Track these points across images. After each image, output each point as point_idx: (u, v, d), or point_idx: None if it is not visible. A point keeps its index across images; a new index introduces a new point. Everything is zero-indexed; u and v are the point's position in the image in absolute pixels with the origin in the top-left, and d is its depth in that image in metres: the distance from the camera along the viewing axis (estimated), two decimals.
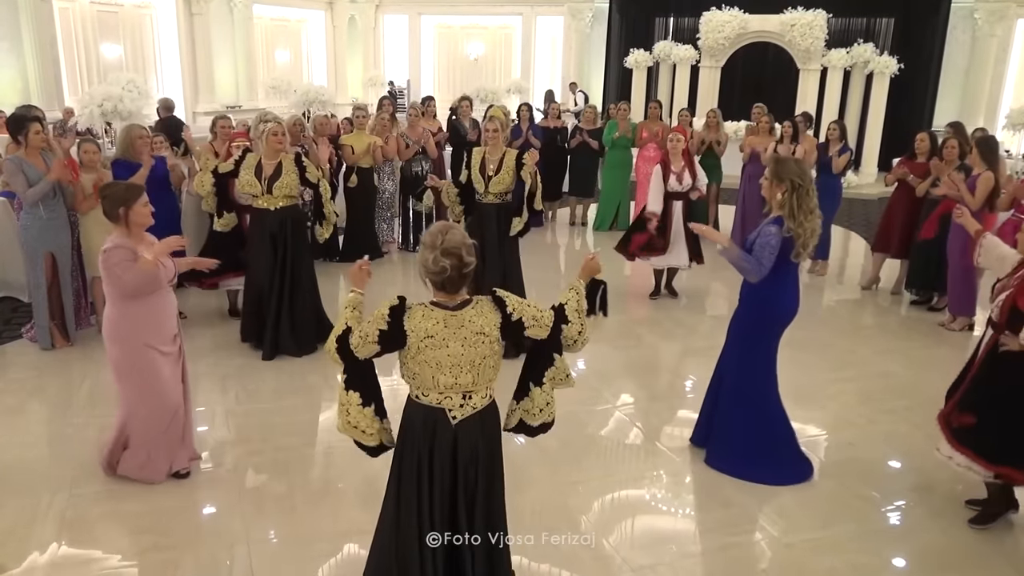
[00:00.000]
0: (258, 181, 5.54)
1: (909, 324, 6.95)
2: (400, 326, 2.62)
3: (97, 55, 13.88)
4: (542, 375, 2.89)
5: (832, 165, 8.00)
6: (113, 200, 3.75)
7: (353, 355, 2.71)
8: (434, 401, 2.71)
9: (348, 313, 2.76)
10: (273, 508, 3.91)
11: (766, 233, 3.94)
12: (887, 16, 15.01)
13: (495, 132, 5.68)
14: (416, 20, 19.41)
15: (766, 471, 4.22)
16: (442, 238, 2.58)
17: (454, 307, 2.65)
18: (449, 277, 2.59)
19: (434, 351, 2.62)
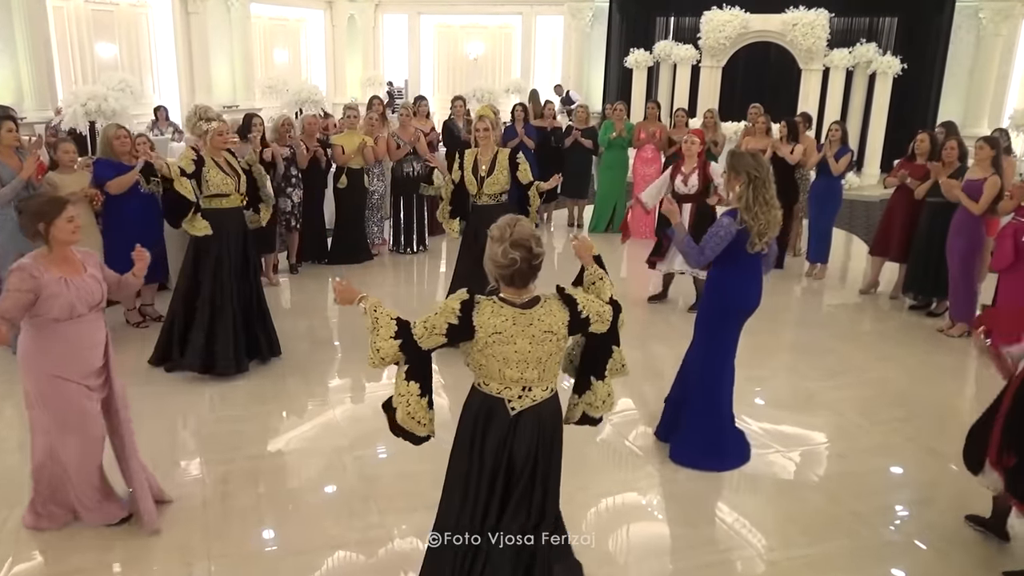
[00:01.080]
0: (230, 179, 5.31)
1: (907, 330, 6.78)
2: (469, 321, 2.61)
3: (92, 55, 13.79)
4: (604, 368, 2.92)
5: (831, 167, 7.84)
6: (31, 215, 3.29)
7: (415, 346, 2.66)
8: (495, 391, 2.71)
9: (382, 311, 2.71)
10: (239, 521, 3.77)
11: (717, 224, 4.05)
12: (890, 16, 14.82)
13: (486, 131, 5.55)
14: (416, 20, 19.30)
15: (714, 460, 4.33)
16: (511, 230, 2.58)
17: (523, 304, 2.65)
18: (519, 270, 2.58)
19: (501, 347, 2.63)
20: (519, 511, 2.74)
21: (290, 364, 5.66)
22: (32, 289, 3.22)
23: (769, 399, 5.28)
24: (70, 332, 3.35)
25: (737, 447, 4.46)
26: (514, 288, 2.65)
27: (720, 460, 4.34)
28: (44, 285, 3.24)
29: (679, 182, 6.81)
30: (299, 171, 7.57)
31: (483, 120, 5.60)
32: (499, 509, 2.75)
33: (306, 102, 10.69)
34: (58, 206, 3.32)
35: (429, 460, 4.32)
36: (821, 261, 8.25)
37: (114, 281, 3.63)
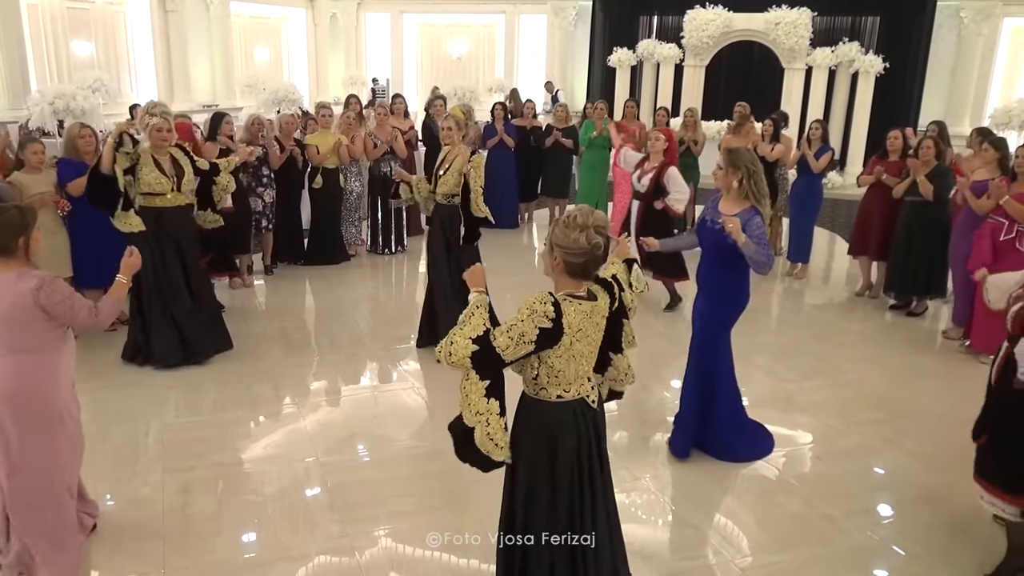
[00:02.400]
0: (166, 178, 5.20)
1: (888, 331, 6.74)
2: (560, 323, 2.51)
3: (68, 53, 13.57)
4: (619, 342, 2.91)
5: (811, 165, 7.80)
6: (12, 228, 3.00)
7: (495, 359, 2.49)
8: (575, 395, 2.67)
9: (482, 314, 2.55)
10: (198, 531, 3.65)
11: (756, 225, 3.99)
12: (872, 15, 14.83)
13: (449, 131, 5.50)
14: (399, 18, 19.18)
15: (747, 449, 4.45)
16: (591, 217, 2.55)
17: (588, 297, 2.62)
18: (595, 257, 2.57)
19: (581, 344, 2.60)
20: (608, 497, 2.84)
21: (261, 368, 5.55)
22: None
23: (747, 400, 5.17)
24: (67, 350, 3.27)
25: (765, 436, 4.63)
26: (580, 280, 2.60)
27: (768, 438, 4.57)
28: None
29: (635, 178, 6.85)
30: (271, 171, 7.44)
31: (448, 119, 5.58)
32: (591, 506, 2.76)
33: (283, 101, 10.55)
34: (32, 217, 3.13)
35: (392, 468, 4.26)
36: (802, 261, 8.19)
37: None
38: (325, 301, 7.25)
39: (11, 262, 3.03)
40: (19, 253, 3.04)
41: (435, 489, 4.08)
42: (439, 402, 5.09)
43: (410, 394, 5.28)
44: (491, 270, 8.13)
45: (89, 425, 4.54)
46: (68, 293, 3.07)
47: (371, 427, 4.80)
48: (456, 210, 5.59)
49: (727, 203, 4.13)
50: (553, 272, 2.62)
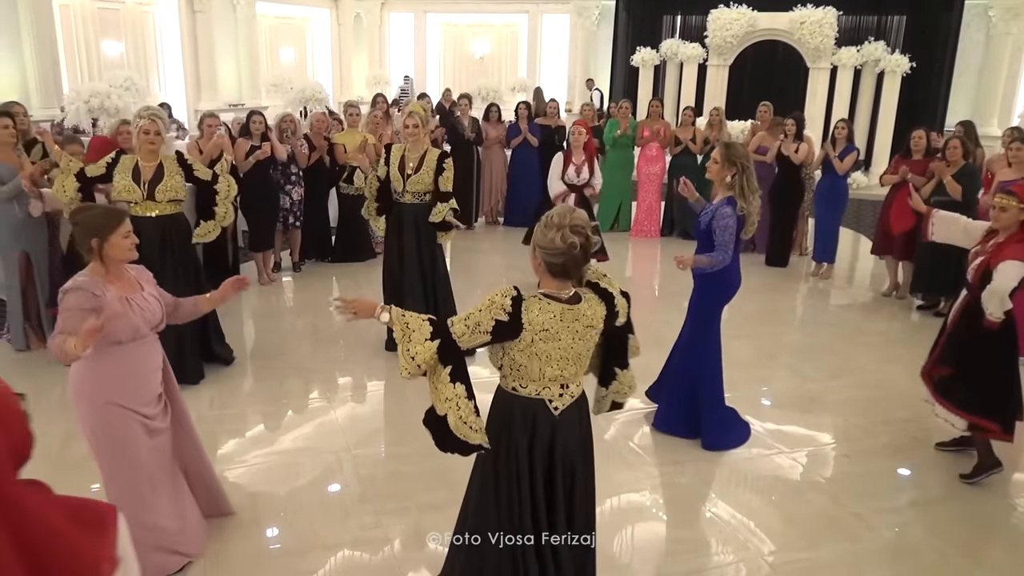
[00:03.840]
0: (136, 185, 4.82)
1: (913, 331, 6.71)
2: (519, 318, 2.51)
3: (98, 53, 13.82)
4: (625, 357, 2.90)
5: (836, 166, 7.77)
6: (85, 229, 2.97)
7: (454, 346, 2.56)
8: (533, 392, 2.64)
9: (412, 316, 2.59)
10: (234, 521, 3.73)
11: (724, 215, 4.21)
12: (899, 14, 14.73)
13: (415, 128, 5.43)
14: (422, 18, 19.30)
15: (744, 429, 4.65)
16: (570, 216, 2.53)
17: (568, 300, 2.58)
18: (574, 257, 2.52)
19: (546, 344, 2.55)
20: (568, 509, 2.72)
21: (291, 363, 5.64)
22: (94, 309, 2.92)
23: (773, 400, 5.23)
24: (132, 355, 3.09)
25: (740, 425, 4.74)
26: (561, 280, 2.57)
27: (744, 427, 4.69)
28: (106, 304, 2.96)
29: (571, 172, 7.07)
30: (299, 169, 7.54)
31: (412, 116, 5.48)
32: (546, 510, 2.69)
33: (310, 100, 10.66)
34: (115, 220, 3.01)
35: (422, 461, 4.32)
36: (828, 261, 8.17)
37: (170, 303, 3.34)
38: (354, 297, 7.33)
39: (96, 264, 3.01)
40: (95, 255, 2.99)
41: (464, 482, 4.13)
42: None
43: None
44: (511, 268, 8.23)
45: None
46: (68, 307, 2.91)
47: (400, 421, 4.88)
48: (428, 208, 5.56)
49: (719, 195, 4.40)
50: (536, 272, 2.62)
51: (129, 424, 3.11)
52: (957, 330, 4.17)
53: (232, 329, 6.40)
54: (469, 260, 8.73)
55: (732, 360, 5.63)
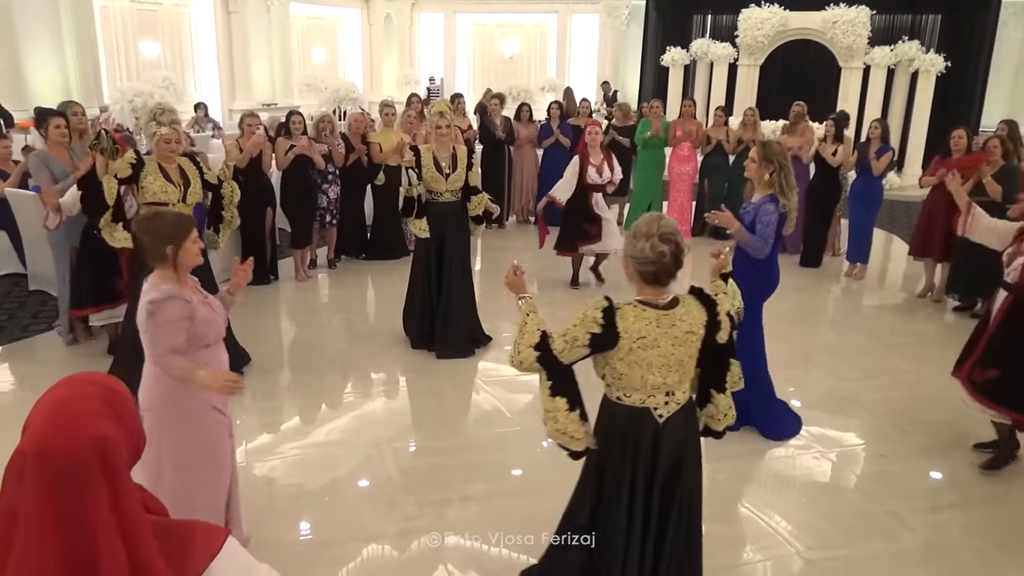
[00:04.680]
0: (173, 186, 4.79)
1: (949, 332, 6.67)
2: (613, 327, 2.55)
3: (136, 53, 14.10)
4: (724, 381, 2.87)
5: (871, 166, 7.73)
6: (160, 238, 2.89)
7: (556, 361, 2.63)
8: (638, 401, 2.66)
9: (534, 319, 2.69)
10: (279, 510, 3.84)
11: (767, 211, 4.33)
12: (934, 13, 14.57)
13: (448, 128, 5.52)
14: (451, 18, 19.42)
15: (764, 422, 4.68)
16: (657, 225, 2.56)
17: (664, 306, 2.61)
18: (665, 265, 2.55)
19: (645, 351, 2.57)
20: (669, 517, 2.72)
21: (329, 358, 5.74)
22: (189, 316, 2.88)
23: (807, 400, 5.23)
24: (217, 357, 3.05)
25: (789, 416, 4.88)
26: (656, 287, 2.60)
27: (796, 420, 4.81)
28: (195, 309, 2.92)
29: (593, 173, 7.10)
30: (336, 168, 7.66)
31: (444, 117, 5.54)
32: (644, 517, 2.72)
33: (344, 99, 10.80)
34: (186, 226, 2.98)
35: (462, 454, 4.40)
36: (861, 261, 8.14)
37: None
38: (387, 294, 7.43)
39: (161, 271, 2.95)
40: (168, 263, 2.93)
41: (504, 475, 4.21)
42: (501, 392, 5.22)
43: (474, 384, 5.41)
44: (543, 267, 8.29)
45: None
46: (170, 319, 2.84)
47: (438, 415, 4.96)
48: (462, 204, 5.71)
49: (757, 194, 4.49)
50: (631, 280, 2.67)
51: (222, 429, 3.13)
52: (1002, 331, 4.17)
53: (269, 325, 6.55)
54: (500, 259, 8.80)
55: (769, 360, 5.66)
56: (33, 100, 11.32)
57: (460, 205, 5.70)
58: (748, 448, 4.51)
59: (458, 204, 5.69)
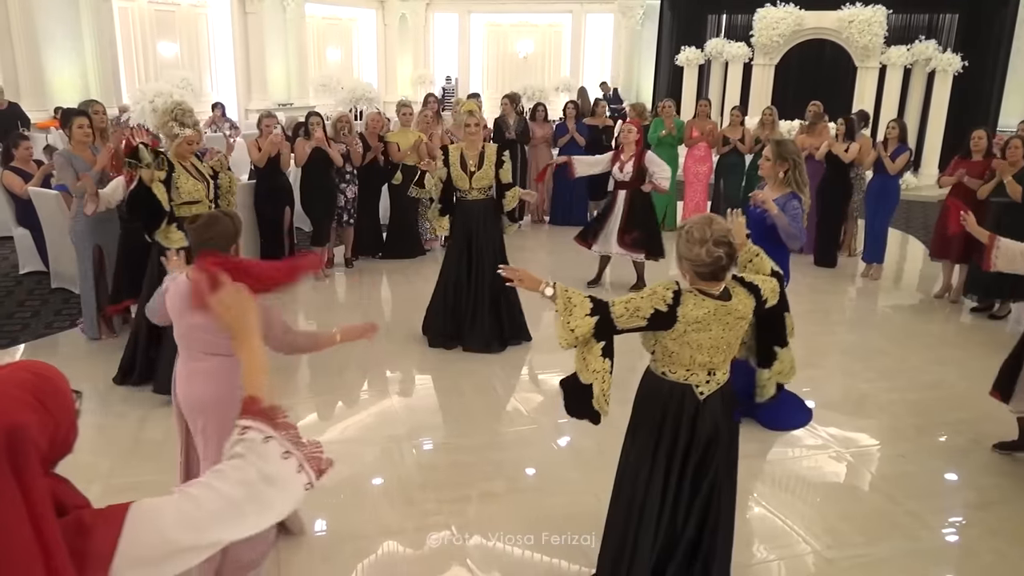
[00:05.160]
0: (202, 184, 4.95)
1: (967, 333, 6.65)
2: (675, 310, 2.67)
3: (154, 53, 14.23)
4: (784, 335, 3.06)
5: (887, 167, 7.70)
6: (228, 237, 2.99)
7: (610, 326, 2.73)
8: (681, 378, 2.79)
9: (574, 292, 2.78)
10: (306, 504, 3.87)
11: (794, 207, 4.42)
12: (951, 12, 14.47)
13: (477, 126, 5.58)
14: (466, 18, 19.47)
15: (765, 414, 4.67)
16: (710, 230, 2.65)
17: (719, 296, 2.72)
18: (722, 266, 2.68)
19: (698, 334, 2.70)
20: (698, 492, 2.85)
21: (348, 356, 5.77)
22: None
23: (823, 400, 5.23)
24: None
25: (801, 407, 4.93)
26: (711, 282, 2.72)
27: (805, 412, 4.85)
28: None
29: (616, 169, 7.05)
30: (354, 167, 7.72)
31: (473, 115, 5.62)
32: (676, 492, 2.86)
33: (360, 99, 10.86)
34: (240, 224, 3.09)
35: (481, 452, 4.43)
36: (877, 261, 8.11)
37: None
38: (403, 293, 7.49)
39: None
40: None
41: (522, 473, 4.24)
42: (518, 391, 5.25)
43: (491, 382, 5.44)
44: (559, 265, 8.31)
45: None
46: (271, 304, 2.92)
47: (458, 413, 4.99)
48: (492, 203, 5.75)
49: (771, 192, 4.55)
50: (685, 275, 2.78)
51: None
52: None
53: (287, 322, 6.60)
54: (515, 258, 8.75)
55: None
56: (53, 100, 11.48)
57: (490, 204, 5.73)
58: (763, 447, 4.52)
59: (488, 203, 5.73)
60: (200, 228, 2.98)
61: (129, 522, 1.30)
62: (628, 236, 7.07)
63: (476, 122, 5.58)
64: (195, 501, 1.36)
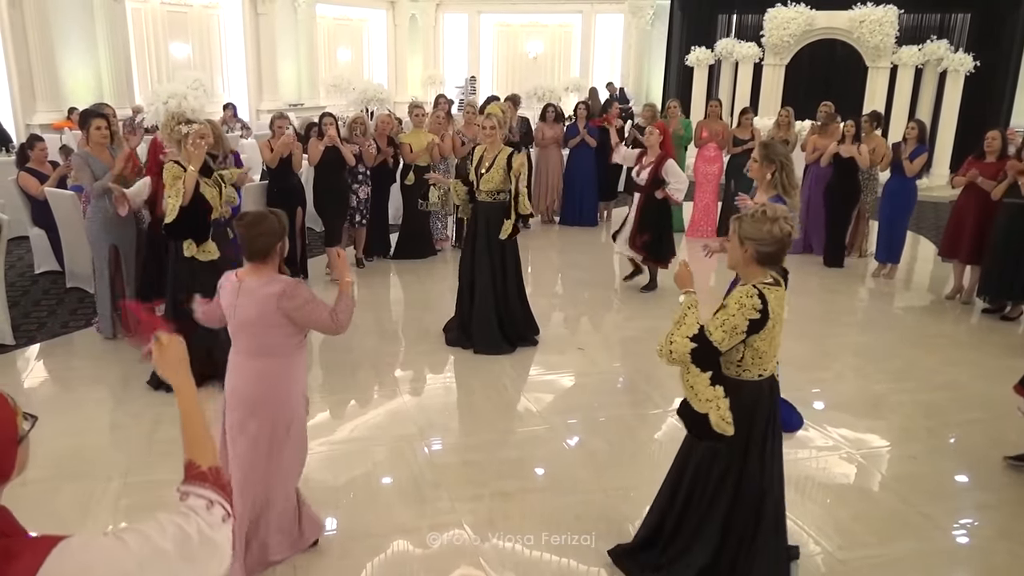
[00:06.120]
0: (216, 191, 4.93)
1: (979, 334, 6.63)
2: (767, 311, 2.76)
3: (166, 54, 14.32)
4: None
5: (905, 168, 7.66)
6: (274, 235, 3.05)
7: (711, 353, 2.79)
8: (769, 372, 2.94)
9: (694, 313, 2.85)
10: (319, 503, 3.90)
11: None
12: (963, 12, 14.41)
13: (492, 130, 5.59)
14: (476, 19, 19.50)
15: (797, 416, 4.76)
16: (772, 210, 2.81)
17: (775, 283, 2.84)
18: (786, 245, 2.81)
19: (777, 327, 2.85)
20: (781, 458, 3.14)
21: (361, 356, 5.82)
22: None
23: (836, 401, 5.24)
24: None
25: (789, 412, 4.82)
26: (766, 268, 2.83)
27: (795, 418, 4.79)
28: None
29: (635, 171, 7.06)
30: (366, 168, 7.76)
31: (490, 119, 5.63)
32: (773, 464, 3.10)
33: (372, 100, 10.89)
34: (286, 221, 3.16)
35: (494, 451, 4.46)
36: (892, 261, 8.09)
37: None
38: (415, 293, 7.53)
39: (264, 268, 3.07)
40: (274, 258, 3.08)
41: (533, 473, 4.26)
42: (529, 391, 5.28)
43: (502, 382, 5.47)
44: (570, 266, 8.33)
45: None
46: (309, 297, 3.08)
47: (469, 412, 5.02)
48: (502, 207, 5.72)
49: (762, 194, 4.50)
50: (741, 263, 2.86)
51: (304, 413, 3.31)
52: None
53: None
54: (525, 257, 8.82)
55: (794, 361, 5.67)
56: (68, 101, 11.57)
57: (497, 208, 5.75)
58: None
59: (495, 207, 5.74)
60: (248, 225, 3.04)
61: (54, 555, 1.27)
62: (639, 239, 7.11)
63: (492, 125, 5.59)
64: (126, 547, 1.34)
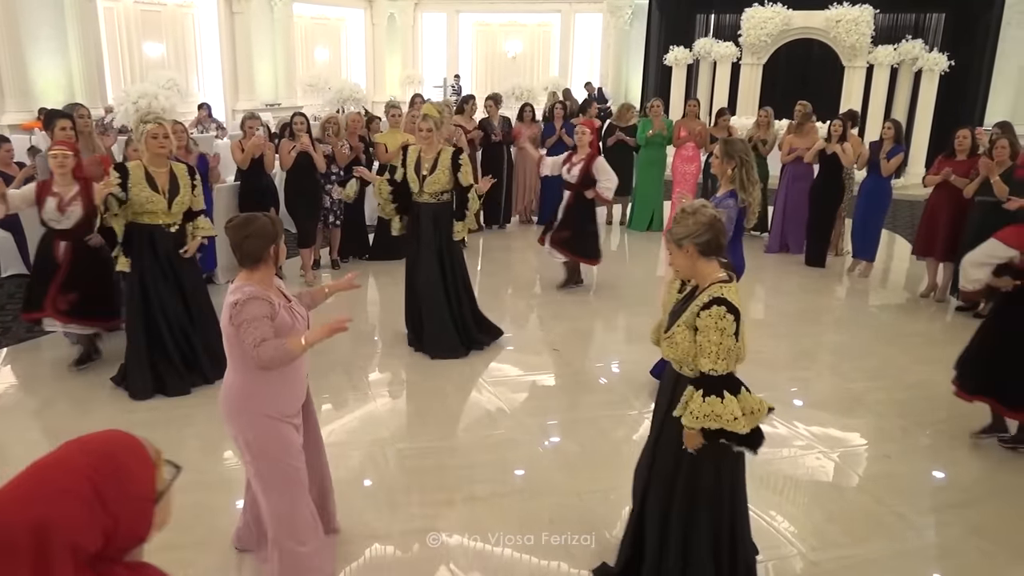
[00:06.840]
0: (157, 194, 4.74)
1: (953, 332, 6.65)
2: (737, 312, 2.70)
3: (140, 54, 14.14)
4: None
5: (882, 167, 7.69)
6: (267, 237, 2.88)
7: (731, 381, 2.76)
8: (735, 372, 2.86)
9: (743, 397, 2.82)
10: None
11: (726, 206, 4.44)
12: (937, 11, 14.54)
13: (428, 132, 5.47)
14: (454, 18, 19.44)
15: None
16: (694, 204, 2.84)
17: (727, 278, 2.79)
18: (719, 228, 2.76)
19: (743, 317, 2.78)
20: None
21: (334, 359, 5.74)
22: (271, 316, 2.84)
23: (812, 400, 5.24)
24: (295, 364, 2.94)
25: None
26: (715, 258, 2.77)
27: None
28: (276, 312, 2.88)
29: (565, 169, 7.01)
30: (340, 169, 7.68)
31: (427, 120, 5.49)
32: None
33: (348, 100, 10.82)
34: (279, 224, 2.99)
35: (468, 454, 4.41)
36: (867, 258, 8.12)
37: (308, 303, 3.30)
38: (390, 295, 7.44)
39: (255, 275, 2.91)
40: (268, 263, 2.91)
41: (507, 475, 4.22)
42: (503, 392, 5.23)
43: (476, 384, 5.41)
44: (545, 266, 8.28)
45: (174, 410, 4.82)
46: (252, 316, 2.79)
47: (442, 415, 4.96)
48: (447, 208, 5.64)
49: (721, 189, 4.66)
50: (690, 266, 2.78)
51: (291, 435, 3.03)
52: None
53: None
54: (503, 259, 8.83)
55: (771, 360, 5.68)
56: (38, 101, 11.38)
57: (442, 209, 5.65)
58: None
59: (439, 208, 5.64)
60: (235, 228, 2.90)
61: None
62: (557, 235, 7.03)
63: (428, 127, 5.45)
64: None
